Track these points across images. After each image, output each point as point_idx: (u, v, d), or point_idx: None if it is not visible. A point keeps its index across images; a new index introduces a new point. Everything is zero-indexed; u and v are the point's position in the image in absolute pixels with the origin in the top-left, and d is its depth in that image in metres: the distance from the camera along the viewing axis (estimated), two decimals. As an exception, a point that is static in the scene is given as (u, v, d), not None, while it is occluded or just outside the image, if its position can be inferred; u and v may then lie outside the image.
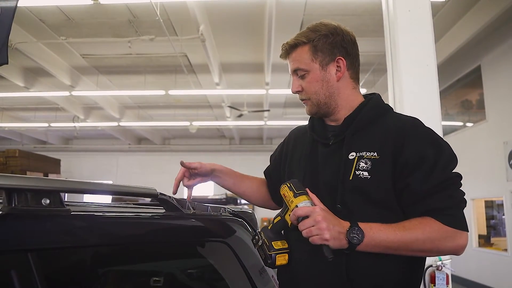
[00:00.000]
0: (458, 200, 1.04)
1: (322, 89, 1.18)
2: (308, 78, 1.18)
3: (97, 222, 0.97)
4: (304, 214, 1.00)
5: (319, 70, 1.17)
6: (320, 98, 1.18)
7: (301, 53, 1.17)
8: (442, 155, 1.06)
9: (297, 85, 1.20)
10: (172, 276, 1.21)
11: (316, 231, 0.97)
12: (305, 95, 1.20)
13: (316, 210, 0.99)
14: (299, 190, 1.06)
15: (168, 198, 1.17)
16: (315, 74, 1.17)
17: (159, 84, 9.24)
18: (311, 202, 1.04)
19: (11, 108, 11.89)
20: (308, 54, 1.17)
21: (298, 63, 1.18)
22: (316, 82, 1.17)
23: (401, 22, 2.83)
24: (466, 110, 8.93)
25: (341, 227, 0.99)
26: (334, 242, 0.97)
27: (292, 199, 1.05)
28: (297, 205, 1.03)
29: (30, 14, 6.39)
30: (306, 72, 1.17)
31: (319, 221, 0.97)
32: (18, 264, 0.74)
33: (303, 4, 6.05)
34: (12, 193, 0.79)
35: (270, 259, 1.09)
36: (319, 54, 1.16)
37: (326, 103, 1.19)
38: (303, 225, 1.00)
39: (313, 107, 1.20)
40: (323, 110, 1.20)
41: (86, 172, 14.93)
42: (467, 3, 6.17)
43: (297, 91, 1.20)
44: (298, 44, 1.18)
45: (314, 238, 0.98)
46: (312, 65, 1.17)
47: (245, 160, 13.93)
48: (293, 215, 1.03)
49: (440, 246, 1.02)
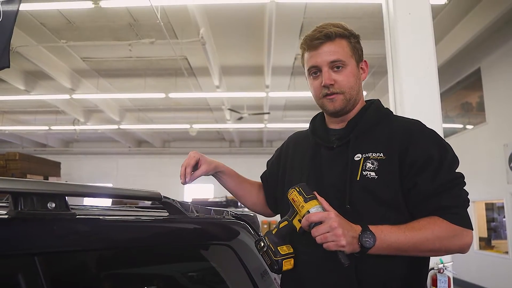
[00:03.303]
0: (463, 199, 1.07)
1: (356, 85, 1.17)
2: (346, 72, 1.15)
3: (102, 225, 0.97)
4: (318, 219, 0.98)
5: (355, 66, 1.18)
6: (353, 94, 1.17)
7: (341, 46, 1.15)
8: (446, 155, 1.08)
9: (331, 78, 1.14)
10: (176, 279, 1.21)
11: (332, 237, 0.95)
12: (338, 88, 1.14)
13: (332, 216, 0.98)
14: (309, 195, 1.04)
15: (171, 202, 1.18)
16: (353, 68, 1.16)
17: (159, 87, 9.25)
18: (322, 207, 1.02)
19: (12, 111, 11.90)
20: (348, 48, 1.16)
21: (339, 55, 1.14)
22: (353, 77, 1.16)
23: (401, 24, 2.84)
24: (466, 112, 8.93)
25: (353, 231, 0.98)
26: (349, 248, 0.96)
27: (302, 204, 1.03)
28: (309, 211, 1.01)
29: (31, 17, 6.41)
30: (345, 65, 1.14)
31: (335, 227, 0.96)
32: (24, 267, 0.74)
33: (303, 8, 6.06)
34: (18, 197, 0.79)
35: (276, 265, 1.07)
36: (355, 51, 1.17)
37: (355, 100, 1.18)
38: (317, 231, 0.97)
39: (343, 102, 1.16)
40: (349, 106, 1.18)
41: (86, 175, 14.91)
42: (467, 5, 6.18)
43: (331, 84, 1.14)
44: (337, 35, 1.15)
45: (330, 244, 0.96)
46: (351, 60, 1.16)
47: (245, 162, 13.88)
48: (306, 221, 1.00)
49: (448, 245, 1.03)
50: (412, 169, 1.06)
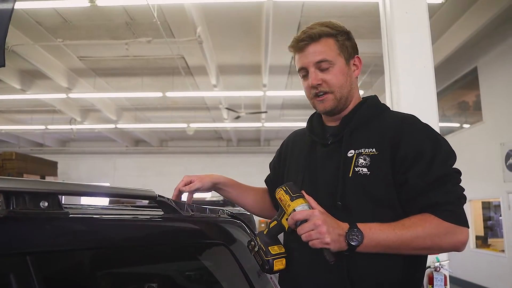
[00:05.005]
0: (458, 196, 1.04)
1: (346, 83, 1.17)
2: (334, 71, 1.14)
3: (96, 224, 0.96)
4: (303, 218, 0.98)
5: (344, 64, 1.17)
6: (344, 92, 1.16)
7: (327, 45, 1.15)
8: (440, 150, 1.06)
9: (319, 78, 1.14)
10: (171, 279, 1.20)
11: (316, 235, 0.96)
12: (327, 87, 1.15)
13: (315, 214, 0.98)
14: (296, 193, 1.04)
15: (166, 200, 1.17)
16: (341, 67, 1.16)
17: (156, 86, 9.23)
18: (308, 205, 1.02)
19: (8, 110, 11.84)
20: (335, 47, 1.15)
21: (325, 55, 1.14)
22: (342, 76, 1.16)
23: (398, 24, 2.84)
24: (463, 112, 8.96)
25: (340, 229, 0.98)
26: (335, 245, 0.96)
27: (289, 203, 1.03)
28: (295, 209, 1.01)
29: (27, 16, 6.37)
30: (332, 65, 1.14)
31: (319, 224, 0.96)
32: (16, 267, 0.74)
33: (300, 6, 6.06)
34: (10, 196, 0.78)
35: (267, 265, 1.08)
36: (343, 49, 1.16)
37: (346, 98, 1.17)
38: (302, 229, 0.98)
39: (334, 101, 1.16)
40: (341, 105, 1.17)
41: (83, 175, 14.87)
42: (464, 5, 6.20)
43: (319, 84, 1.15)
44: (323, 35, 1.15)
45: (315, 242, 0.96)
46: (339, 58, 1.15)
47: (242, 161, 13.93)
48: (291, 219, 1.01)
49: (440, 243, 1.01)
50: (404, 165, 1.04)
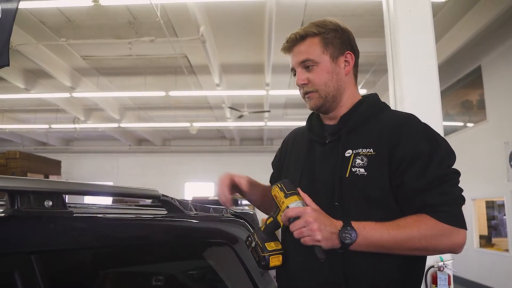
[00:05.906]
0: (455, 197, 1.02)
1: (332, 81, 1.16)
2: (317, 70, 1.15)
3: (100, 223, 0.97)
4: (295, 214, 0.99)
5: (330, 62, 1.16)
6: (329, 90, 1.15)
7: (311, 45, 1.15)
8: (437, 150, 1.04)
9: (303, 77, 1.15)
10: (174, 278, 1.21)
11: (308, 232, 0.96)
12: (312, 87, 1.16)
13: (307, 211, 0.98)
14: (290, 191, 1.05)
15: (170, 200, 1.17)
16: (325, 65, 1.15)
17: (159, 85, 9.24)
18: (303, 202, 1.03)
19: (12, 109, 11.90)
20: (319, 46, 1.15)
21: (308, 54, 1.15)
22: (326, 74, 1.15)
23: (402, 22, 2.83)
24: (466, 111, 8.93)
25: (333, 227, 0.98)
26: (326, 243, 0.96)
27: (283, 200, 1.04)
28: (288, 206, 1.02)
29: (30, 16, 6.39)
30: (315, 64, 1.15)
31: (310, 222, 0.96)
32: (21, 266, 0.74)
33: (303, 5, 6.05)
34: (15, 195, 0.78)
35: (263, 261, 1.08)
36: (329, 46, 1.16)
37: (333, 96, 1.16)
38: (294, 226, 0.99)
39: (319, 100, 1.16)
40: (328, 104, 1.17)
41: (86, 174, 14.91)
42: (468, 3, 6.17)
43: (303, 83, 1.16)
44: (308, 35, 1.15)
45: (306, 239, 0.97)
46: (323, 56, 1.15)
47: (245, 161, 13.91)
48: (284, 216, 1.02)
49: (435, 244, 0.99)
50: (401, 166, 1.03)
